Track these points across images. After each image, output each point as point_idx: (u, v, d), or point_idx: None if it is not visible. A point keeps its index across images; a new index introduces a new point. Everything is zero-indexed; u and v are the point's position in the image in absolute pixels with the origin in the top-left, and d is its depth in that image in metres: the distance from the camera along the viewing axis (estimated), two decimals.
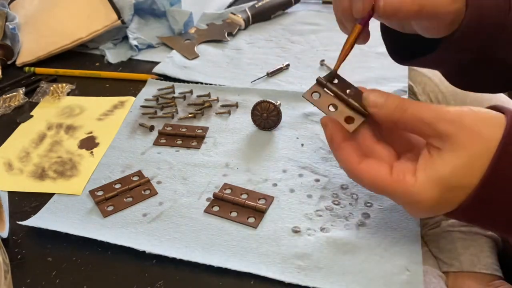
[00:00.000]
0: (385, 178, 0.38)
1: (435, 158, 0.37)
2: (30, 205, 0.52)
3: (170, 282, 0.43)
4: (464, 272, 0.65)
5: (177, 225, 0.48)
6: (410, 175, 0.38)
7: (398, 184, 0.38)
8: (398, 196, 0.39)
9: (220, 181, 0.53)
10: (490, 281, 0.63)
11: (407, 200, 0.38)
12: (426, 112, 0.37)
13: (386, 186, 0.38)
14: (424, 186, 0.37)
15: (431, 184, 0.37)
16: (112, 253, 0.46)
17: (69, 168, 0.57)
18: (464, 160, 0.36)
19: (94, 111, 0.67)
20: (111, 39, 0.82)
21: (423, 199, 0.37)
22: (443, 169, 0.36)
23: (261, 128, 0.60)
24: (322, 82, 0.43)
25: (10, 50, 0.79)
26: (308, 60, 0.75)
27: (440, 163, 0.36)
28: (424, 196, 0.37)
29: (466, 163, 0.36)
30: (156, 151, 0.58)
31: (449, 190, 0.37)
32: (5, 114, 0.68)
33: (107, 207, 0.50)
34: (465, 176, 0.36)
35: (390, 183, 0.38)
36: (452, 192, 0.37)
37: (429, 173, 0.37)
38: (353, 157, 0.40)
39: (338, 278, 0.41)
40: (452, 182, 0.36)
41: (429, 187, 0.37)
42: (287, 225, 0.47)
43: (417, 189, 0.37)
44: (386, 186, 0.38)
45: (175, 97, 0.67)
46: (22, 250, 0.47)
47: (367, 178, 0.39)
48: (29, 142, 0.61)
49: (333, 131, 0.41)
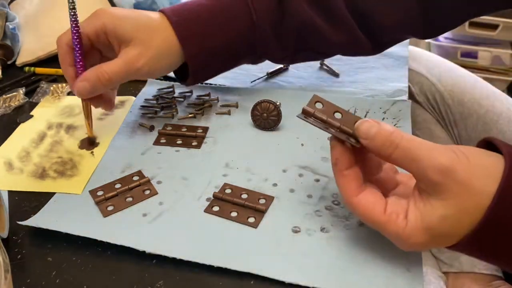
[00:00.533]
0: (379, 217, 0.39)
1: (425, 202, 0.37)
2: (30, 205, 0.52)
3: (170, 282, 0.43)
4: (464, 272, 0.65)
5: (177, 225, 0.48)
6: (402, 217, 0.38)
7: (390, 225, 0.38)
8: (389, 234, 0.39)
9: (220, 181, 0.53)
10: (490, 282, 0.63)
11: (397, 240, 0.39)
12: (418, 155, 0.37)
13: (379, 224, 0.39)
14: (414, 231, 0.37)
15: (420, 230, 0.37)
16: (112, 253, 0.46)
17: (70, 167, 0.57)
18: (452, 211, 0.36)
19: (94, 110, 0.66)
20: None
21: (413, 243, 0.38)
22: (431, 218, 0.36)
23: (261, 128, 0.60)
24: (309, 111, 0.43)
25: (10, 50, 0.79)
26: None
27: (429, 210, 0.37)
28: (413, 240, 0.37)
29: (455, 215, 0.36)
30: (156, 151, 0.58)
31: (437, 237, 0.37)
32: (5, 114, 0.68)
33: (107, 207, 0.50)
34: (453, 227, 0.36)
35: (383, 222, 0.38)
36: (440, 239, 0.37)
37: (418, 220, 0.37)
38: (352, 187, 0.40)
39: (338, 278, 0.41)
40: (440, 231, 0.37)
41: (418, 232, 0.37)
42: (287, 225, 0.47)
43: (407, 233, 0.37)
44: (379, 224, 0.39)
45: (175, 97, 0.67)
46: (22, 250, 0.47)
47: (362, 212, 0.39)
48: (29, 142, 0.61)
49: (340, 156, 0.41)
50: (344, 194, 0.40)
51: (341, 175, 0.41)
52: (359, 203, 0.39)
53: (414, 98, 0.76)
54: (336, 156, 0.41)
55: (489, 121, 0.73)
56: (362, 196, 0.40)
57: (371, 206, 0.39)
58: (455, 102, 0.75)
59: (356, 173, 0.40)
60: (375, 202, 0.39)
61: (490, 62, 1.71)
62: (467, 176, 0.35)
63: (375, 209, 0.39)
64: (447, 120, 0.77)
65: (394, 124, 0.59)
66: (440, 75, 0.77)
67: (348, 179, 0.40)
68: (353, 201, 0.40)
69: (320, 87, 0.68)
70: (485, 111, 0.74)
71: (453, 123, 0.76)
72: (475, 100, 0.75)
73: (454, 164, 0.35)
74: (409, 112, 0.61)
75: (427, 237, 0.37)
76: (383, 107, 0.62)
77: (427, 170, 0.36)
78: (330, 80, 0.70)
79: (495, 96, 0.76)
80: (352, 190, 0.40)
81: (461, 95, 0.76)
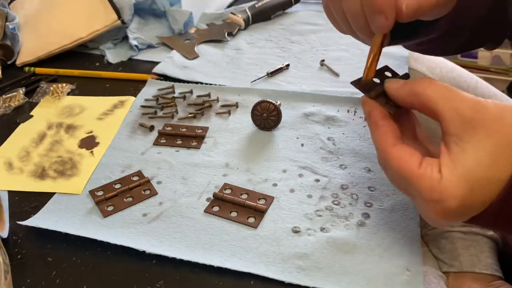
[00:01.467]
0: (413, 169, 0.36)
1: (456, 151, 0.35)
2: (30, 205, 0.52)
3: (170, 282, 0.43)
4: (464, 272, 0.65)
5: (177, 225, 0.48)
6: (436, 171, 0.35)
7: (424, 179, 0.35)
8: (423, 191, 0.36)
9: (220, 181, 0.53)
10: (490, 282, 0.63)
11: (432, 197, 0.35)
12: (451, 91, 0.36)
13: (413, 177, 0.36)
14: (450, 183, 0.34)
15: (456, 180, 0.34)
16: (112, 253, 0.46)
17: (69, 167, 0.57)
18: (487, 151, 0.34)
19: (94, 110, 0.67)
20: (111, 39, 0.82)
21: (449, 197, 0.34)
22: (465, 163, 0.34)
23: (261, 128, 0.60)
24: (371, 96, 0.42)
25: (10, 50, 0.79)
26: (308, 60, 0.75)
27: (462, 156, 0.34)
28: (450, 194, 0.34)
29: (490, 154, 0.33)
30: (156, 151, 0.58)
31: (476, 185, 0.34)
32: (5, 114, 0.68)
33: (107, 207, 0.50)
34: (491, 169, 0.34)
35: (416, 175, 0.36)
36: (479, 187, 0.34)
37: (452, 169, 0.34)
38: (389, 137, 0.38)
39: (338, 278, 0.41)
40: (478, 176, 0.34)
41: (454, 183, 0.34)
42: (287, 225, 0.47)
43: (443, 186, 0.34)
44: (412, 176, 0.36)
45: (175, 97, 0.67)
46: (22, 250, 0.47)
47: (396, 163, 0.37)
48: (29, 142, 0.61)
49: (372, 108, 0.40)
50: (380, 145, 0.39)
51: (376, 126, 0.39)
52: (394, 153, 0.37)
53: None
54: (368, 109, 0.40)
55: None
56: (399, 147, 0.38)
57: (407, 157, 0.37)
58: None
59: (391, 124, 0.39)
60: (411, 154, 0.37)
61: (490, 62, 1.71)
62: (498, 111, 0.34)
63: (411, 160, 0.36)
64: None
65: None
66: (442, 75, 0.77)
67: (384, 129, 0.39)
68: (389, 151, 0.38)
69: (320, 87, 0.68)
70: None
71: None
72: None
73: (486, 101, 0.35)
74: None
75: (464, 188, 0.34)
76: None
77: (460, 107, 0.35)
78: (330, 80, 0.70)
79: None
80: (388, 140, 0.38)
81: None
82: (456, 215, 0.35)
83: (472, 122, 0.34)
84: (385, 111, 0.40)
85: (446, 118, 0.36)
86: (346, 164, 0.54)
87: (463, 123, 0.35)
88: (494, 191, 0.34)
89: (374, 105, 0.40)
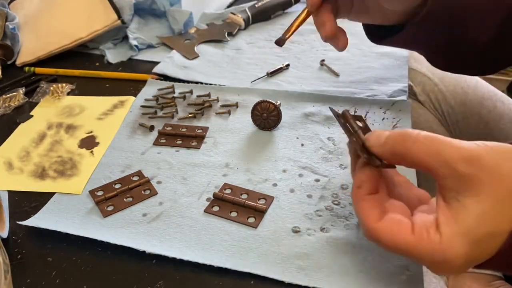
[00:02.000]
0: (407, 239, 0.34)
1: (456, 207, 0.33)
2: (30, 205, 0.52)
3: (170, 282, 0.43)
4: (465, 272, 0.65)
5: (177, 225, 0.48)
6: (433, 231, 0.33)
7: (422, 243, 0.33)
8: (423, 256, 0.34)
9: (220, 181, 0.53)
10: (490, 281, 0.63)
11: (435, 260, 0.33)
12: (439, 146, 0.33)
13: (409, 246, 0.34)
14: (451, 242, 0.32)
15: (458, 238, 0.32)
16: (112, 253, 0.46)
17: (69, 167, 0.57)
18: (488, 205, 0.32)
19: (94, 110, 0.67)
20: (111, 39, 0.82)
21: (453, 257, 0.32)
22: (467, 220, 0.32)
23: (261, 128, 0.60)
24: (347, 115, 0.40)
25: (10, 50, 0.79)
26: (308, 60, 0.75)
27: (463, 212, 0.32)
28: (453, 254, 0.32)
29: (492, 208, 0.32)
30: (156, 151, 0.58)
31: (479, 242, 0.32)
32: (5, 114, 0.68)
33: (107, 207, 0.50)
34: (494, 223, 0.32)
35: (412, 242, 0.33)
36: (483, 243, 0.33)
37: (453, 227, 0.32)
38: (374, 213, 0.36)
39: (338, 278, 0.41)
40: (481, 232, 0.32)
41: (456, 242, 0.32)
42: (287, 225, 0.47)
43: (444, 247, 0.32)
44: (408, 246, 0.34)
45: (175, 97, 0.67)
46: (22, 250, 0.47)
47: (386, 237, 0.35)
48: (29, 142, 0.61)
49: (367, 179, 0.37)
50: (365, 221, 0.36)
51: (362, 199, 0.37)
52: (381, 228, 0.35)
53: (416, 98, 0.76)
54: (362, 179, 0.37)
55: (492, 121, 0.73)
56: (384, 220, 0.35)
57: (395, 228, 0.34)
58: (457, 102, 0.75)
59: (376, 198, 0.37)
60: (400, 223, 0.35)
61: None
62: (494, 160, 0.32)
63: (401, 230, 0.34)
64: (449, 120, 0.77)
65: (394, 124, 0.59)
66: (442, 75, 0.77)
67: (369, 204, 0.36)
68: (375, 227, 0.35)
69: (320, 87, 0.68)
70: (487, 112, 0.74)
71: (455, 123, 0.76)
72: (477, 100, 0.75)
73: (479, 151, 0.33)
74: (409, 112, 0.61)
75: (467, 245, 0.32)
76: (383, 107, 0.62)
77: (453, 162, 0.32)
78: (330, 80, 0.70)
79: (496, 97, 0.76)
80: (374, 216, 0.36)
81: (463, 96, 0.75)
82: (461, 270, 0.34)
83: (468, 176, 0.32)
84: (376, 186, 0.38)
85: (440, 174, 0.34)
86: (346, 164, 0.54)
87: (459, 178, 0.33)
88: (498, 242, 0.33)
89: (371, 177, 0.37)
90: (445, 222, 0.33)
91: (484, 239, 0.32)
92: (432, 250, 0.33)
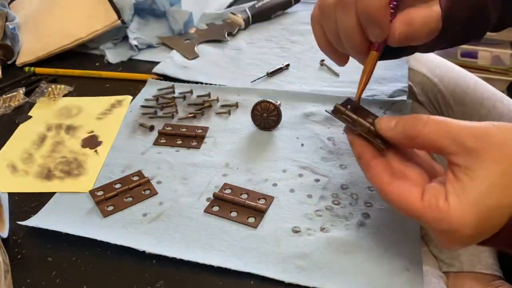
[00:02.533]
0: (416, 203, 0.35)
1: (465, 180, 0.34)
2: (30, 205, 0.52)
3: (170, 282, 0.43)
4: (465, 272, 0.65)
5: (177, 225, 0.48)
6: (442, 200, 0.34)
7: (430, 210, 0.34)
8: (431, 223, 0.35)
9: (220, 181, 0.53)
10: (490, 281, 0.63)
11: (442, 228, 0.34)
12: (450, 125, 0.35)
13: (417, 211, 0.35)
14: (460, 212, 0.33)
15: (466, 208, 0.33)
16: (112, 253, 0.46)
17: (75, 167, 0.57)
18: (496, 178, 0.33)
19: (92, 110, 0.67)
20: (111, 39, 0.82)
21: (460, 227, 0.33)
22: (476, 191, 0.33)
23: (261, 128, 0.60)
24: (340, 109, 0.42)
25: (10, 50, 0.79)
26: (308, 60, 0.75)
27: (472, 185, 0.33)
28: (461, 223, 0.33)
29: (500, 181, 0.33)
30: (156, 151, 0.58)
31: (487, 213, 0.33)
32: (5, 114, 0.68)
33: (107, 207, 0.50)
34: (501, 196, 0.33)
35: (421, 208, 0.35)
36: (491, 214, 0.33)
37: (462, 198, 0.33)
38: (383, 176, 0.38)
39: (338, 278, 0.41)
40: (489, 204, 0.33)
41: (465, 212, 0.33)
42: (287, 225, 0.47)
43: (452, 216, 0.33)
44: (416, 211, 0.35)
45: (175, 97, 0.67)
46: (22, 250, 0.47)
47: (397, 200, 0.36)
48: (30, 144, 0.61)
49: (362, 148, 0.40)
50: (376, 185, 0.38)
51: (368, 167, 0.39)
52: (393, 192, 0.36)
53: (416, 98, 0.76)
54: (358, 150, 0.40)
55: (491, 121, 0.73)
56: (395, 184, 0.37)
57: (406, 193, 0.36)
58: (457, 102, 0.75)
59: (383, 162, 0.38)
60: (410, 188, 0.36)
61: (490, 62, 1.70)
62: (502, 136, 0.34)
63: (411, 195, 0.35)
64: None
65: None
66: (442, 75, 0.77)
67: (377, 169, 0.38)
68: (387, 190, 0.37)
69: (320, 87, 0.68)
70: (487, 112, 0.74)
71: None
72: (477, 100, 0.75)
73: (487, 127, 0.34)
74: (409, 112, 0.61)
75: (475, 215, 0.33)
76: (383, 107, 0.62)
77: (462, 138, 0.34)
78: (330, 80, 0.70)
79: (495, 97, 0.76)
80: (384, 179, 0.37)
81: (463, 96, 0.76)
82: (469, 241, 0.35)
83: (476, 151, 0.34)
84: (374, 151, 0.39)
85: (450, 151, 0.35)
86: (346, 164, 0.54)
87: (468, 153, 0.34)
88: (505, 215, 0.33)
89: (363, 146, 0.40)
90: (454, 192, 0.34)
91: (491, 211, 0.33)
92: (439, 218, 0.34)
